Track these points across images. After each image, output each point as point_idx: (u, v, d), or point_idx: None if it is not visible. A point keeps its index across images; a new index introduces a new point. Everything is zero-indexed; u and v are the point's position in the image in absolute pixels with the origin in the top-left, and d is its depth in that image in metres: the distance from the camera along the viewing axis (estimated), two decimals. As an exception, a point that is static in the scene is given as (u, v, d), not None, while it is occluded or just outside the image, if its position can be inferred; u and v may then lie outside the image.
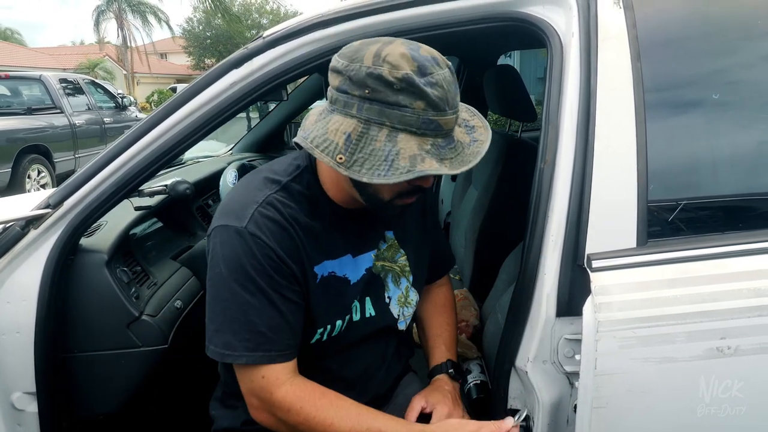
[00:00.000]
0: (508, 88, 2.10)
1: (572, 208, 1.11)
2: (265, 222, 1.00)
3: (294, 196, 1.06)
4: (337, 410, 1.04)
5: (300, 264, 1.04)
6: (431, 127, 0.90)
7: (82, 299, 1.38)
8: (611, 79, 1.13)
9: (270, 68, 1.28)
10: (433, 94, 0.89)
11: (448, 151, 0.93)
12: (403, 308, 1.24)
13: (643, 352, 1.02)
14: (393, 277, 1.21)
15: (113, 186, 1.29)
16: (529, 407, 1.16)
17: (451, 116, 0.92)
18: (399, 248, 1.22)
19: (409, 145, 0.89)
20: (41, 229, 1.30)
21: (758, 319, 1.02)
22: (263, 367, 1.02)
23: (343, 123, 0.92)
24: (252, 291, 0.99)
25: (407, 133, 0.90)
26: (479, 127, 1.00)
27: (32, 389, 1.32)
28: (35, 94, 8.39)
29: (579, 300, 1.07)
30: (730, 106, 1.20)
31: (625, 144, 1.11)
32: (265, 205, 1.02)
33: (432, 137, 0.91)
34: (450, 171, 0.91)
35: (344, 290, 1.12)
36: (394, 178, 0.88)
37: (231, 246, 1.00)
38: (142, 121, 1.32)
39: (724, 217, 1.17)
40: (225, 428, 1.21)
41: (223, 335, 1.01)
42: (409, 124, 0.89)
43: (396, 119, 0.89)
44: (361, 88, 0.90)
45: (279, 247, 1.00)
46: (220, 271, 1.01)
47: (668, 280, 1.05)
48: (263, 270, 0.99)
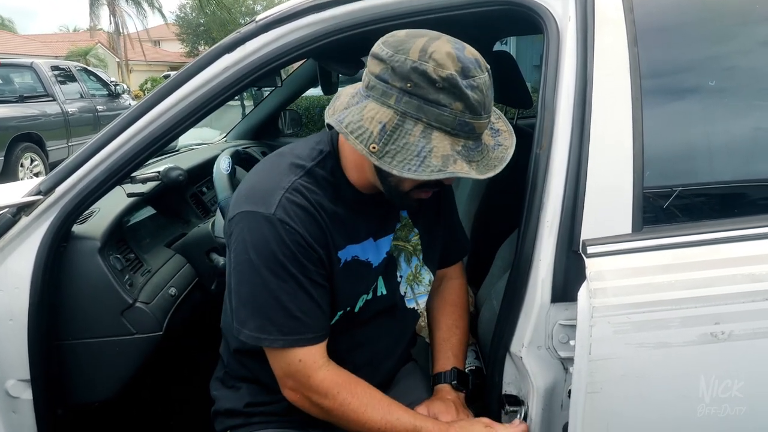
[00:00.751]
0: (504, 75, 2.09)
1: (568, 194, 1.11)
2: (293, 208, 1.01)
3: (318, 181, 1.07)
4: (370, 399, 1.06)
5: (326, 248, 1.05)
6: (465, 129, 0.92)
7: (76, 286, 1.37)
8: (608, 64, 1.12)
9: (263, 53, 1.26)
10: (473, 98, 0.90)
11: (476, 153, 0.94)
12: (412, 285, 1.24)
13: (637, 337, 1.02)
14: (405, 256, 1.23)
15: (105, 172, 1.28)
16: (524, 392, 1.17)
17: (485, 120, 0.94)
18: (412, 227, 1.23)
19: (442, 144, 0.90)
20: (32, 216, 1.28)
21: (752, 305, 1.02)
22: (299, 351, 1.03)
23: (379, 112, 0.92)
24: (283, 277, 1.00)
25: (442, 132, 0.91)
26: (503, 131, 1.02)
27: (26, 377, 1.31)
28: (27, 82, 8.30)
29: (574, 286, 1.07)
30: (728, 92, 1.20)
31: (621, 129, 1.10)
32: (291, 191, 1.02)
33: (464, 139, 0.92)
34: (477, 175, 0.93)
35: (366, 273, 1.14)
36: (425, 175, 0.89)
37: (260, 233, 1.00)
38: (134, 106, 1.30)
39: (720, 204, 1.17)
40: (227, 409, 1.22)
41: (257, 320, 1.02)
42: (445, 123, 0.91)
43: (433, 117, 0.90)
44: (403, 81, 0.90)
45: (307, 233, 1.01)
46: (249, 258, 1.01)
47: (663, 265, 1.05)
48: (293, 256, 1.00)
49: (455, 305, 1.36)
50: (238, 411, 1.20)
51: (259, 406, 1.19)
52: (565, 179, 1.11)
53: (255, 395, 1.19)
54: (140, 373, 1.51)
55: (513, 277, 1.15)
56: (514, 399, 1.20)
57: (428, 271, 1.26)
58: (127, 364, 1.44)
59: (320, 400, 1.05)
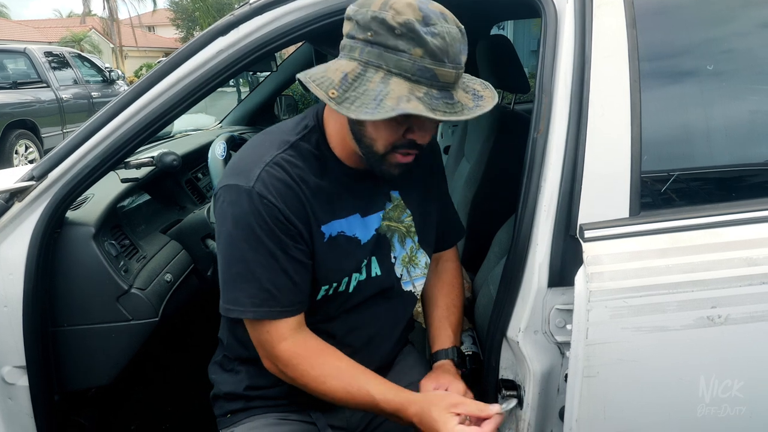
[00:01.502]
0: (501, 59, 2.07)
1: (565, 178, 1.10)
2: (272, 182, 1.02)
3: (303, 154, 1.07)
4: (332, 369, 1.07)
5: (306, 223, 1.06)
6: (426, 76, 0.91)
7: (70, 273, 1.36)
8: (606, 47, 1.11)
9: (257, 36, 1.24)
10: (432, 43, 0.90)
11: (442, 104, 0.93)
12: (408, 268, 1.24)
13: (634, 321, 1.02)
14: (399, 237, 1.21)
15: (98, 158, 1.27)
16: (520, 377, 1.17)
17: (449, 69, 0.92)
18: (405, 208, 1.22)
19: (400, 87, 0.90)
20: (26, 202, 1.27)
21: (749, 288, 1.02)
22: (267, 323, 1.06)
23: (344, 64, 0.94)
24: (259, 250, 1.02)
25: (401, 78, 0.91)
26: (487, 98, 1.00)
27: (22, 363, 1.31)
28: (20, 68, 8.21)
29: (571, 270, 1.07)
30: (727, 76, 1.19)
31: (619, 113, 1.09)
32: (272, 165, 1.03)
33: (426, 86, 0.92)
34: (436, 117, 0.91)
35: (354, 250, 1.13)
36: (379, 115, 0.89)
37: (239, 206, 1.02)
38: (127, 90, 1.29)
39: (718, 188, 1.17)
40: (226, 393, 1.22)
41: (232, 292, 1.05)
42: (405, 69, 0.90)
43: (392, 63, 0.91)
44: (364, 32, 0.92)
45: (286, 206, 1.02)
46: (228, 230, 1.03)
47: (660, 249, 1.05)
48: (270, 230, 1.01)
49: (452, 285, 1.36)
50: (238, 394, 1.20)
51: (259, 389, 1.19)
52: (563, 163, 1.10)
53: (254, 378, 1.20)
54: (137, 359, 1.50)
55: (510, 262, 1.15)
56: (510, 384, 1.20)
57: (424, 254, 1.26)
58: (123, 351, 1.44)
59: (283, 369, 1.08)
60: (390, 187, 1.20)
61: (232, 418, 1.21)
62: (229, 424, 1.21)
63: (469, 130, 2.39)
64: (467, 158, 2.36)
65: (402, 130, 1.00)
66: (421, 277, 1.27)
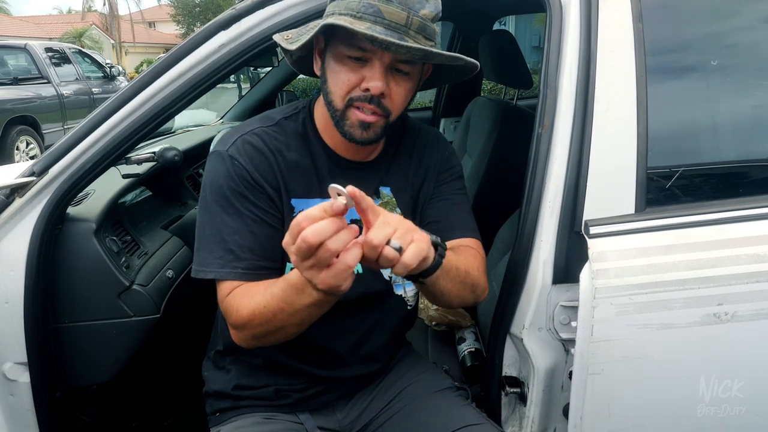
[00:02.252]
0: (504, 54, 2.06)
1: (570, 174, 1.09)
2: (246, 147, 1.04)
3: (285, 131, 1.09)
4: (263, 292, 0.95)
5: (277, 190, 1.06)
6: (369, 11, 0.92)
7: (72, 269, 1.36)
8: (612, 41, 1.10)
9: (260, 29, 1.23)
10: None
11: (380, 30, 0.92)
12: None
13: (639, 318, 1.01)
14: None
15: (99, 153, 1.25)
16: (524, 374, 1.16)
17: (396, 8, 0.93)
18: (395, 206, 1.18)
19: (338, 19, 0.92)
20: (26, 198, 1.26)
21: (756, 285, 1.01)
22: (231, 285, 1.01)
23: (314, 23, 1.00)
24: (227, 210, 1.02)
25: (346, 16, 0.94)
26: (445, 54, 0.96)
27: (23, 360, 1.30)
28: (21, 64, 8.20)
29: (576, 267, 1.06)
30: (734, 70, 1.17)
31: (625, 108, 1.08)
32: (250, 134, 1.06)
33: (370, 22, 0.92)
34: (360, 29, 0.88)
35: None
36: (305, 37, 0.96)
37: (213, 168, 1.04)
38: (128, 85, 1.27)
39: (725, 184, 1.16)
40: (215, 391, 1.21)
41: (201, 253, 1.04)
42: (351, 8, 0.93)
43: (342, 7, 0.95)
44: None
45: (256, 170, 1.03)
46: (204, 194, 1.05)
47: (666, 246, 1.04)
48: (239, 191, 1.02)
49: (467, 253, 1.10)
50: (227, 393, 1.19)
51: (247, 389, 1.18)
52: (568, 159, 1.09)
53: (243, 378, 1.18)
54: (139, 355, 1.50)
55: (514, 258, 1.14)
56: (514, 380, 1.19)
57: None
58: (124, 347, 1.43)
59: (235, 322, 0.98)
60: (380, 182, 1.16)
61: (221, 416, 1.20)
62: (217, 422, 1.20)
63: (472, 125, 2.38)
64: (469, 154, 2.34)
65: (354, 78, 0.98)
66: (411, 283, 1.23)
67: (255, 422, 1.16)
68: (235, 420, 1.17)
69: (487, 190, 2.12)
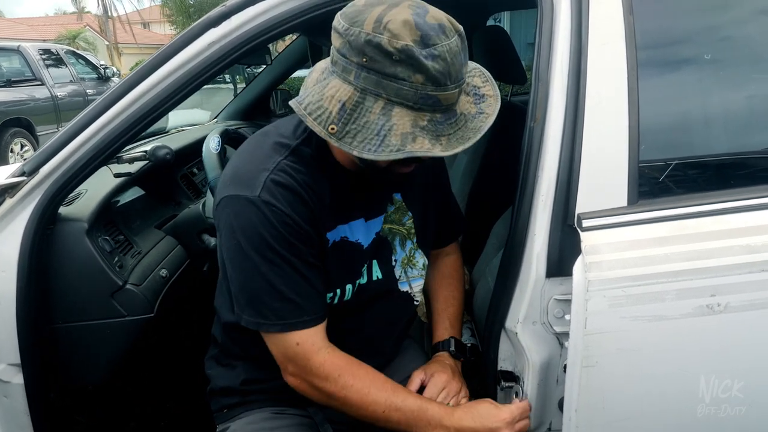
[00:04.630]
0: (498, 50, 2.06)
1: (562, 167, 1.09)
2: (279, 189, 0.97)
3: (304, 159, 1.03)
4: (373, 381, 1.05)
5: (315, 228, 1.02)
6: (429, 103, 0.86)
7: (64, 269, 1.35)
8: (603, 34, 1.09)
9: (250, 26, 1.22)
10: (434, 68, 0.84)
11: (446, 126, 0.88)
12: (406, 269, 1.22)
13: (633, 310, 1.01)
14: (400, 239, 1.20)
15: (90, 152, 1.25)
16: (519, 368, 1.16)
17: (453, 91, 0.88)
18: (406, 210, 1.20)
19: (403, 121, 0.85)
20: (17, 198, 1.26)
21: (748, 276, 1.01)
22: (296, 334, 1.01)
23: (340, 89, 0.88)
24: (274, 260, 0.98)
25: (403, 107, 0.86)
26: (489, 97, 0.95)
27: (17, 361, 1.30)
28: (14, 66, 8.17)
29: (569, 260, 1.06)
30: (725, 63, 1.17)
31: (616, 101, 1.08)
32: (276, 172, 0.99)
33: (430, 113, 0.87)
34: (442, 153, 0.87)
35: (356, 255, 1.11)
36: (384, 155, 0.85)
37: (246, 216, 0.97)
38: (118, 83, 1.27)
39: (717, 175, 1.16)
40: (222, 388, 1.21)
41: (254, 306, 1.01)
42: (406, 98, 0.85)
43: (393, 92, 0.85)
44: (359, 56, 0.85)
45: (294, 212, 0.98)
46: (238, 243, 0.98)
47: (659, 238, 1.04)
48: (282, 237, 0.97)
49: (452, 278, 1.35)
50: (235, 389, 1.19)
51: (255, 384, 1.18)
52: (560, 152, 1.09)
53: (251, 372, 1.18)
54: (134, 355, 1.49)
55: (507, 253, 1.14)
56: (509, 375, 1.19)
57: (422, 255, 1.24)
58: (119, 347, 1.43)
59: (321, 384, 1.03)
60: (392, 189, 1.18)
61: (229, 413, 1.20)
62: (225, 419, 1.20)
63: (466, 122, 2.37)
64: (464, 150, 2.34)
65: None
66: (419, 278, 1.25)
67: (265, 417, 1.16)
68: (244, 416, 1.17)
69: (482, 187, 2.12)
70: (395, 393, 1.04)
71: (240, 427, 1.16)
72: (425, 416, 1.03)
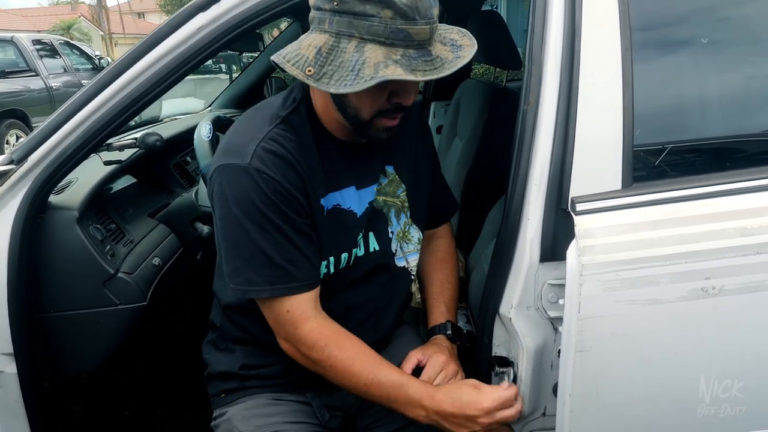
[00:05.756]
0: (493, 35, 2.04)
1: (556, 151, 1.07)
2: (269, 156, 1.00)
3: (295, 128, 1.05)
4: (358, 353, 1.06)
5: (306, 196, 1.04)
6: (400, 37, 0.89)
7: (55, 258, 1.34)
8: (597, 14, 1.08)
9: (240, 10, 1.20)
10: (401, 2, 0.87)
11: (421, 63, 0.91)
12: (402, 243, 1.22)
13: (627, 294, 1.01)
14: (395, 212, 1.20)
15: (79, 139, 1.23)
16: (513, 354, 1.16)
17: (423, 26, 0.90)
18: (400, 183, 1.21)
19: (375, 54, 0.89)
20: (6, 187, 1.24)
21: (743, 259, 1.00)
22: (287, 301, 1.03)
23: (316, 38, 0.92)
24: (265, 226, 1.00)
25: (375, 44, 0.89)
26: (466, 46, 0.98)
27: (9, 350, 1.29)
28: (8, 57, 8.12)
29: (563, 244, 1.05)
30: (721, 45, 1.16)
31: (611, 83, 1.07)
32: (266, 140, 1.01)
33: (402, 47, 0.90)
34: (417, 78, 0.89)
35: (350, 223, 1.12)
36: (359, 86, 0.88)
37: (238, 184, 1.00)
38: (106, 70, 1.25)
39: (712, 158, 1.15)
40: (221, 372, 1.21)
41: (244, 273, 1.03)
42: (377, 34, 0.89)
43: (364, 30, 0.89)
44: (330, 2, 0.90)
45: (285, 180, 1.00)
46: (230, 211, 1.01)
47: (653, 221, 1.03)
48: (273, 204, 1.00)
49: (446, 261, 1.36)
50: (233, 374, 1.19)
51: (254, 369, 1.18)
52: (553, 135, 1.08)
53: (250, 357, 1.18)
54: (128, 343, 1.49)
55: (501, 237, 1.13)
56: (503, 360, 1.19)
57: (417, 229, 1.24)
58: (111, 336, 1.42)
59: (308, 352, 1.05)
60: (384, 161, 1.18)
61: (227, 397, 1.20)
62: (223, 404, 1.20)
63: (462, 108, 2.36)
64: (460, 137, 2.33)
65: (385, 95, 0.98)
66: (414, 253, 1.25)
67: (263, 403, 1.17)
68: (242, 401, 1.18)
69: (478, 173, 2.11)
70: (379, 368, 1.05)
71: (238, 412, 1.17)
72: (405, 394, 1.04)
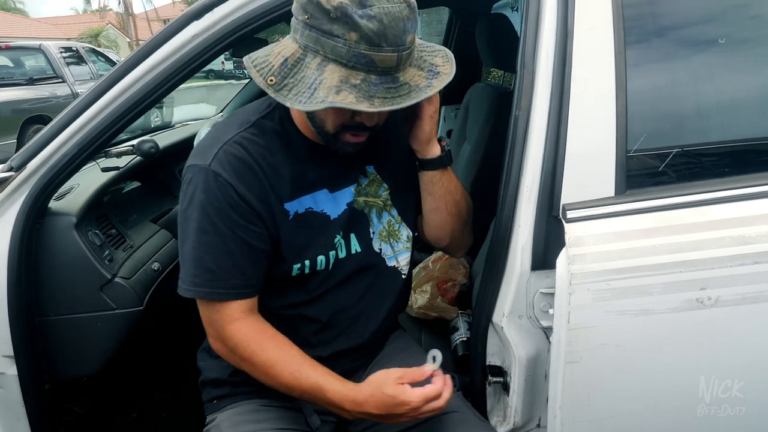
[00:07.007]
0: (501, 38, 2.02)
1: (547, 157, 1.06)
2: (229, 159, 1.01)
3: (265, 132, 1.06)
4: (281, 354, 1.06)
5: (266, 203, 1.04)
6: (362, 62, 0.88)
7: (54, 263, 1.36)
8: (589, 17, 1.06)
9: (233, 18, 1.21)
10: (367, 27, 0.86)
11: (382, 90, 0.89)
12: (387, 243, 1.20)
13: (618, 304, 0.98)
14: (377, 211, 1.19)
15: (77, 146, 1.25)
16: (507, 363, 1.14)
17: (389, 54, 0.88)
18: (382, 182, 1.19)
19: (332, 76, 0.88)
20: (5, 193, 1.27)
21: (741, 269, 0.97)
22: (217, 303, 1.05)
23: (287, 47, 0.92)
24: (205, 228, 1.01)
25: (337, 64, 0.88)
26: (444, 75, 0.96)
27: (10, 353, 1.31)
28: (38, 65, 8.32)
29: (555, 253, 1.03)
30: (715, 48, 1.12)
31: (603, 88, 1.05)
32: (231, 144, 1.02)
33: (364, 72, 0.88)
34: (369, 108, 0.88)
35: (324, 225, 1.11)
36: (310, 107, 0.88)
37: (194, 184, 1.01)
38: (102, 78, 1.27)
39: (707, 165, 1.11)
40: (212, 379, 1.22)
41: (183, 269, 1.05)
42: (340, 55, 0.88)
43: (329, 49, 0.88)
44: (303, 14, 0.89)
45: (241, 184, 1.01)
46: (184, 209, 1.03)
47: (646, 229, 1.00)
48: (220, 208, 1.00)
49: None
50: (224, 380, 1.20)
51: (241, 374, 1.18)
52: (545, 141, 1.06)
53: None
54: (127, 346, 1.50)
55: (493, 245, 1.12)
56: (497, 370, 1.17)
57: (406, 227, 1.22)
58: (109, 339, 1.44)
59: (233, 349, 1.06)
60: (364, 161, 1.17)
61: (218, 403, 1.21)
62: (214, 410, 1.21)
63: (471, 112, 2.34)
64: (468, 141, 2.31)
65: (349, 113, 0.96)
66: (405, 252, 1.23)
67: (252, 409, 1.17)
68: (232, 407, 1.18)
69: (484, 177, 2.09)
70: (299, 369, 1.04)
71: (227, 418, 1.17)
72: (324, 397, 1.03)
